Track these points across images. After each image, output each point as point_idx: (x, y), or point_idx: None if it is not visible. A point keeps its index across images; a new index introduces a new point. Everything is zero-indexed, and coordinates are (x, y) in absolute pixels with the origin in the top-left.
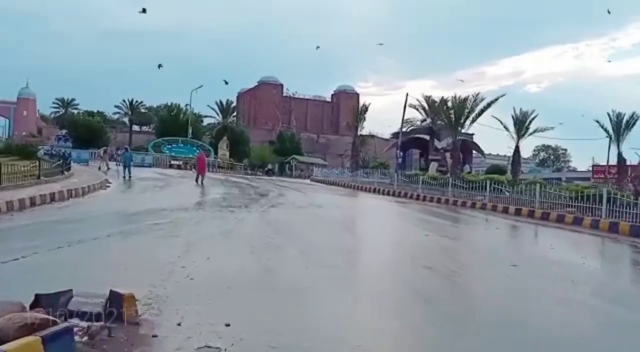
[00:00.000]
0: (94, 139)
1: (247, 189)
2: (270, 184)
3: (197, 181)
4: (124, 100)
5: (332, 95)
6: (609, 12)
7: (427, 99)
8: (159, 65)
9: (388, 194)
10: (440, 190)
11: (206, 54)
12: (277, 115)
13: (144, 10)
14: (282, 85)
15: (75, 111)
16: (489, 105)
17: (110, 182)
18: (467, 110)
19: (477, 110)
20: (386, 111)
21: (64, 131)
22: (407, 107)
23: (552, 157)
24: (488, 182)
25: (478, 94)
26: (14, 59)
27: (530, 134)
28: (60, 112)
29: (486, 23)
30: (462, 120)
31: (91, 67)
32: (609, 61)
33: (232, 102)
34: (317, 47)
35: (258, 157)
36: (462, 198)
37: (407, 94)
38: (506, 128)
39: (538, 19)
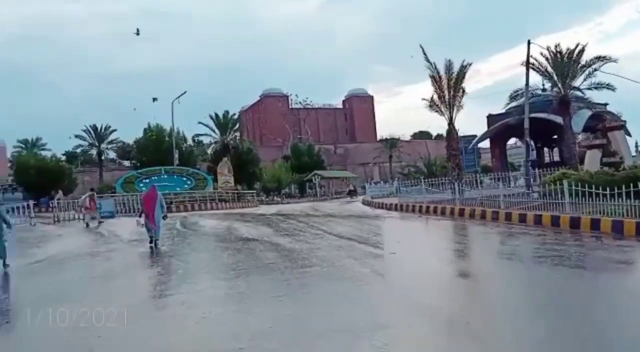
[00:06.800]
0: (50, 184)
1: (278, 275)
2: (318, 237)
3: (151, 244)
4: (85, 128)
5: (344, 101)
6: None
7: (554, 51)
8: (154, 99)
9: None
10: None
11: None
12: (287, 129)
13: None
14: (287, 97)
15: (44, 153)
16: None
17: None
18: None
19: None
20: (389, 118)
21: (10, 179)
22: (527, 66)
23: None
24: None
25: None
26: None
27: None
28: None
29: (474, 23)
30: None
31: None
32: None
33: (232, 115)
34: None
35: (272, 178)
36: None
37: (528, 41)
38: None
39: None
